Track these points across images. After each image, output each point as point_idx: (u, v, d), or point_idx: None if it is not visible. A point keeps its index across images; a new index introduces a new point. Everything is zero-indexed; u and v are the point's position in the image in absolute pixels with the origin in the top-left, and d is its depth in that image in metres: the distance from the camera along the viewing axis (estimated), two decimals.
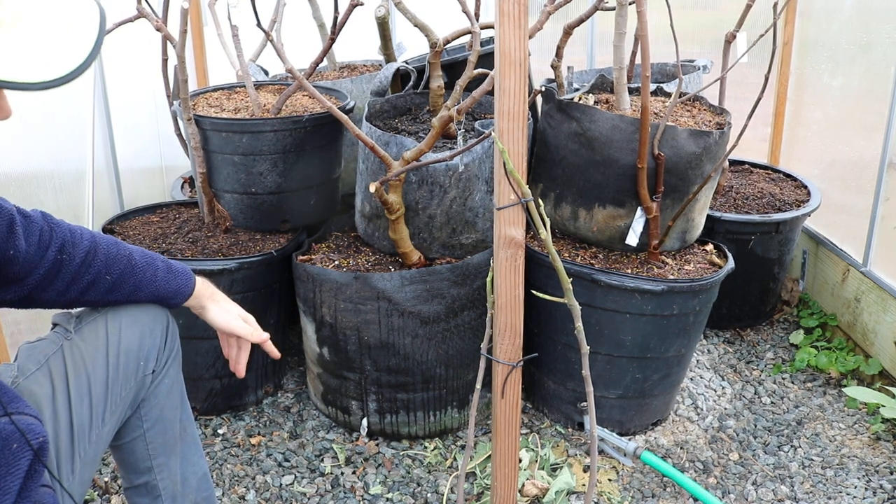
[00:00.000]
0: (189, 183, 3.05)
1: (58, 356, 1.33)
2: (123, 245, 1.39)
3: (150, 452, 1.45)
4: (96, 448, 1.34)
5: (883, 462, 2.20)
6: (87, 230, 1.37)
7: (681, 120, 2.28)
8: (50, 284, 1.30)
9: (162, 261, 1.42)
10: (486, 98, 2.42)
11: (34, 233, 1.27)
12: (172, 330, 1.47)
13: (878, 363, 2.51)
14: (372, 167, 2.12)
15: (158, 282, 1.40)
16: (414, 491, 2.06)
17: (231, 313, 1.49)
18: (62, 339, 1.36)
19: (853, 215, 2.82)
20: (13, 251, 1.22)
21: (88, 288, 1.34)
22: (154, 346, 1.42)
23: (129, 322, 1.40)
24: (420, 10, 2.14)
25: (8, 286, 1.27)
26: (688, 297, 2.10)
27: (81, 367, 1.33)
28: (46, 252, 1.28)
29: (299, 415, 2.38)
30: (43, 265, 1.28)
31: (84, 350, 1.35)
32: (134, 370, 1.39)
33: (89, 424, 1.31)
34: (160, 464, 1.47)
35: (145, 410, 1.43)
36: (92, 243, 1.34)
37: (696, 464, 2.20)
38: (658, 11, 2.12)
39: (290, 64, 1.92)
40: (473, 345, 2.17)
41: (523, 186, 1.32)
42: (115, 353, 1.36)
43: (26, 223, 1.27)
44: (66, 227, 1.33)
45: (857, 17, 2.89)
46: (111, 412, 1.36)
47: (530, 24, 1.32)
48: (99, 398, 1.33)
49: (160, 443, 1.46)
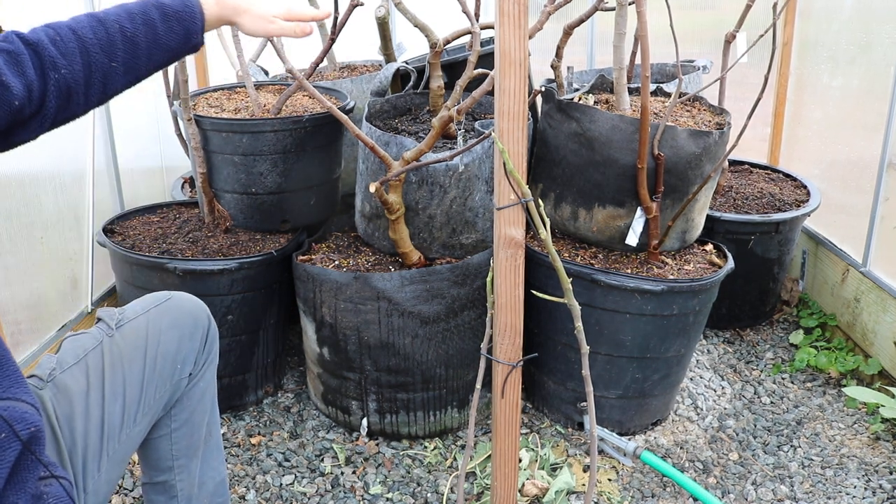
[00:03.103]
0: (189, 183, 3.05)
1: (97, 352, 1.32)
2: (109, 21, 1.19)
3: (173, 453, 1.45)
4: (126, 448, 1.33)
5: (882, 462, 2.20)
6: (63, 26, 1.17)
7: (681, 120, 2.28)
8: (67, 103, 1.16)
9: (156, 8, 1.22)
10: (486, 98, 2.42)
11: (25, 65, 1.10)
12: (213, 334, 1.46)
13: (877, 363, 2.51)
14: (372, 167, 2.12)
15: (162, 39, 1.21)
16: (414, 491, 2.06)
17: (265, 17, 1.31)
18: (104, 335, 1.35)
19: (853, 215, 2.82)
20: (17, 102, 1.08)
21: (105, 84, 1.19)
22: (193, 349, 1.41)
23: (170, 324, 1.39)
24: (420, 10, 2.14)
25: (28, 124, 1.14)
26: (688, 297, 2.10)
27: (119, 366, 1.32)
28: (45, 79, 1.12)
29: (299, 415, 2.38)
30: (50, 91, 1.12)
31: (123, 349, 1.34)
32: (170, 373, 1.38)
33: (120, 424, 1.30)
34: (181, 465, 1.46)
35: (176, 411, 1.43)
36: (80, 44, 1.16)
37: (695, 464, 2.20)
38: (658, 11, 2.12)
39: (290, 64, 1.92)
40: (473, 345, 2.17)
41: (523, 186, 1.32)
42: (154, 356, 1.36)
43: (11, 60, 1.09)
44: (46, 41, 1.13)
45: (856, 17, 2.89)
46: (143, 413, 1.35)
47: (530, 24, 1.32)
48: (133, 398, 1.32)
49: (185, 445, 1.46)
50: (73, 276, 2.40)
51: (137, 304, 1.43)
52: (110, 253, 2.28)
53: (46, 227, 2.26)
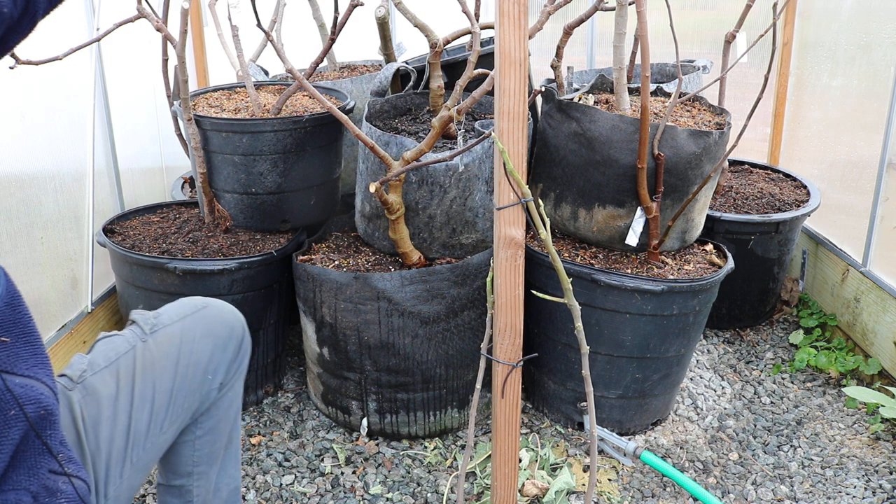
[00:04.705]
0: (189, 183, 3.05)
1: (129, 357, 1.31)
2: None
3: (194, 459, 1.43)
4: (150, 455, 1.31)
5: (882, 462, 2.20)
6: None
7: (681, 120, 2.28)
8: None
9: None
10: (486, 98, 2.42)
11: None
12: (246, 345, 1.45)
13: (877, 363, 2.51)
14: (372, 167, 2.12)
15: None
16: (414, 491, 2.06)
17: None
18: (137, 339, 1.33)
19: (853, 215, 2.82)
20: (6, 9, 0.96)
21: None
22: (225, 360, 1.40)
23: (205, 333, 1.37)
24: (420, 10, 2.14)
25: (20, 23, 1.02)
26: (688, 297, 2.10)
27: (150, 373, 1.30)
28: None
29: (299, 415, 2.38)
30: None
31: (155, 356, 1.32)
32: (200, 383, 1.36)
33: (146, 432, 1.29)
34: (201, 471, 1.45)
35: (202, 420, 1.41)
36: None
37: (695, 464, 2.20)
38: (658, 11, 2.12)
39: (290, 64, 1.92)
40: (473, 345, 2.17)
41: (523, 186, 1.32)
42: (186, 365, 1.34)
43: None
44: None
45: (856, 17, 2.89)
46: (171, 421, 1.33)
47: (530, 24, 1.32)
48: (161, 406, 1.31)
49: (206, 452, 1.44)
50: (72, 276, 2.40)
51: (173, 310, 1.41)
52: (110, 253, 2.28)
53: (46, 227, 2.26)
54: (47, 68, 2.09)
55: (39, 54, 2.02)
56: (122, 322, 2.46)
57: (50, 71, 2.14)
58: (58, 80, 2.31)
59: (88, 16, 2.49)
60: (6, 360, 0.96)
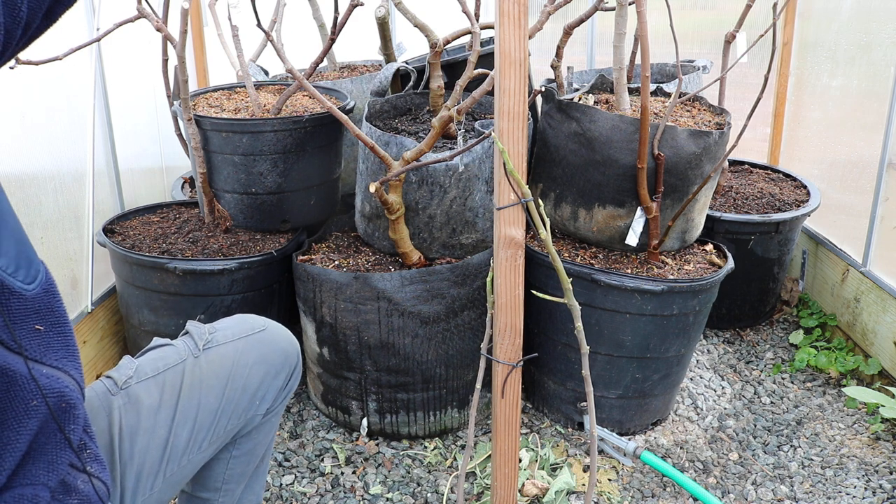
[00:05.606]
0: (189, 183, 3.05)
1: (177, 371, 1.28)
2: None
3: (225, 477, 1.42)
4: (185, 472, 1.28)
5: (882, 462, 2.20)
6: None
7: (680, 120, 2.28)
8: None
9: None
10: (486, 98, 2.42)
11: None
12: (297, 373, 1.43)
13: (877, 363, 2.51)
14: (372, 167, 2.12)
15: None
16: (414, 491, 2.06)
17: None
18: (189, 353, 1.31)
19: (853, 215, 2.82)
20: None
21: None
22: (275, 387, 1.37)
23: (258, 359, 1.34)
24: (420, 10, 2.14)
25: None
26: (688, 297, 2.10)
27: (196, 390, 1.27)
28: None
29: (299, 415, 2.38)
30: None
31: (205, 374, 1.29)
32: (246, 408, 1.34)
33: (184, 449, 1.26)
34: (229, 489, 1.44)
35: (241, 441, 1.40)
36: None
37: (695, 464, 2.20)
38: (658, 12, 2.12)
39: (290, 64, 1.92)
40: (473, 345, 2.17)
41: (523, 186, 1.32)
42: (234, 388, 1.31)
43: None
44: None
45: (856, 17, 2.89)
46: (211, 441, 1.30)
47: (530, 24, 1.32)
48: (203, 426, 1.28)
49: (238, 472, 1.43)
50: (73, 276, 2.40)
51: (229, 328, 1.38)
52: (110, 253, 2.28)
53: (46, 227, 2.26)
54: (47, 68, 2.09)
55: (39, 54, 2.02)
56: (122, 322, 2.46)
57: (50, 71, 2.14)
58: (58, 80, 2.31)
59: (88, 16, 2.49)
60: (37, 349, 0.94)
